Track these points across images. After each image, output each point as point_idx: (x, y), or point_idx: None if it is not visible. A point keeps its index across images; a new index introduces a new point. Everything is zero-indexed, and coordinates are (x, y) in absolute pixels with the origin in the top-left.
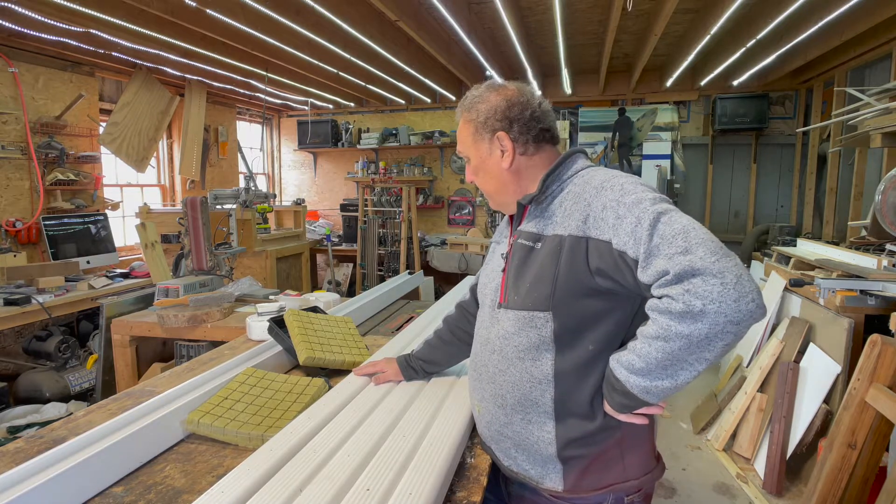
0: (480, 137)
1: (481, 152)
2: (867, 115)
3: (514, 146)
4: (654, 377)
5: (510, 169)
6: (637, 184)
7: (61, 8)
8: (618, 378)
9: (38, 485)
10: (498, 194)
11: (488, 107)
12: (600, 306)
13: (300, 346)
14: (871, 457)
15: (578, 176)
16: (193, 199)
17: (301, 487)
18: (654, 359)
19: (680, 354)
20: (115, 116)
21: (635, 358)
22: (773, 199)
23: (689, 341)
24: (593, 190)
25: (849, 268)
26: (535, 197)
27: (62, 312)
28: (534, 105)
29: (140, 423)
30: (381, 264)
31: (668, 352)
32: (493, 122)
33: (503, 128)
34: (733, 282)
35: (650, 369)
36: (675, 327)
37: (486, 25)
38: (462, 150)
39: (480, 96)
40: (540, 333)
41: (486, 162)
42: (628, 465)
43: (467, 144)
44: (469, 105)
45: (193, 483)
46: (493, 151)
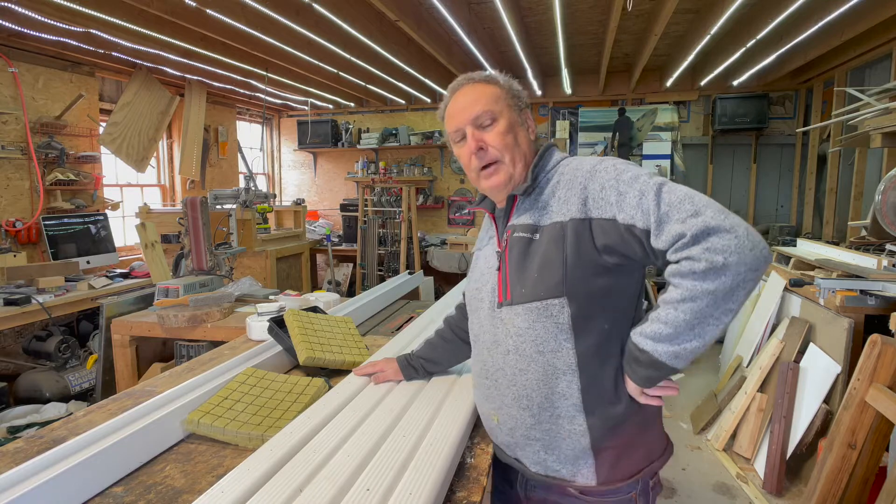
0: (517, 106)
1: (516, 119)
2: (867, 115)
3: (534, 124)
4: (682, 340)
5: (529, 140)
6: (627, 164)
7: (61, 8)
8: (644, 350)
9: (38, 484)
10: (513, 157)
11: (518, 87)
12: (610, 283)
13: (300, 346)
14: (871, 457)
15: (561, 165)
16: (193, 199)
17: (301, 487)
18: (683, 321)
19: (707, 311)
20: (115, 116)
21: (661, 326)
22: (772, 198)
23: (716, 296)
24: (586, 174)
25: (849, 268)
26: (527, 188)
27: (62, 312)
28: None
29: (140, 423)
30: (381, 264)
31: (695, 311)
32: (523, 99)
33: (528, 107)
34: (745, 234)
35: (678, 333)
36: (700, 286)
37: (486, 25)
38: (490, 108)
39: (510, 79)
40: (556, 321)
41: (518, 128)
42: (650, 448)
43: (502, 104)
44: (506, 80)
45: (193, 483)
46: (525, 121)
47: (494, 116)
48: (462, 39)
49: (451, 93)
